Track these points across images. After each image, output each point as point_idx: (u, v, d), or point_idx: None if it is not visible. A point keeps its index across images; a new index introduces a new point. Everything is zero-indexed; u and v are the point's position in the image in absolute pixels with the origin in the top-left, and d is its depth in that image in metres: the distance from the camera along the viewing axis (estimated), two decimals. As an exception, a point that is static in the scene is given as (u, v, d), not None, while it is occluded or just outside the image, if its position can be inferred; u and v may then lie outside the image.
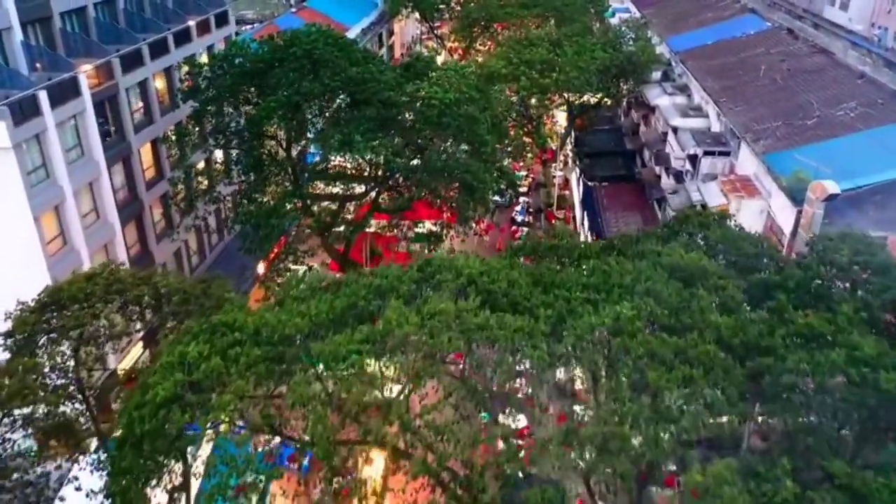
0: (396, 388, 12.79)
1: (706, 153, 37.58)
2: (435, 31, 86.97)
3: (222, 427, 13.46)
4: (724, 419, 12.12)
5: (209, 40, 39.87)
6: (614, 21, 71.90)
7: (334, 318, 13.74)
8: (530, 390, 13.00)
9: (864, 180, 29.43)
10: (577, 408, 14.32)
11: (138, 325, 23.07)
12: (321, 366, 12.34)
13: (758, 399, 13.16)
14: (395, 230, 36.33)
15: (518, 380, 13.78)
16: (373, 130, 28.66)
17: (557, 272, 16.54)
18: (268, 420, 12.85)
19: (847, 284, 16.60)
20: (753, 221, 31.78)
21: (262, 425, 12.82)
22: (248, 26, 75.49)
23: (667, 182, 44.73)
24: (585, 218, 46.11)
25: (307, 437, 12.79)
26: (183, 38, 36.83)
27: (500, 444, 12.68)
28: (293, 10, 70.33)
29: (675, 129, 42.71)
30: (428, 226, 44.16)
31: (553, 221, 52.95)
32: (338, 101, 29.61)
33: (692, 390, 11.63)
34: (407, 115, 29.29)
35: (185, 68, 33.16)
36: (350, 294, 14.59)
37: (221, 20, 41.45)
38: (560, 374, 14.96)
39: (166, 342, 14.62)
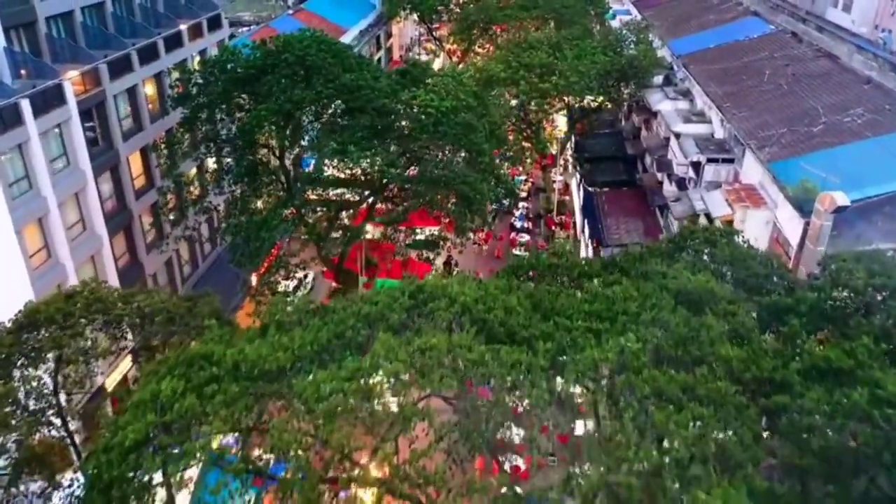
0: (385, 427, 11.93)
1: (709, 160, 36.72)
2: (434, 34, 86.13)
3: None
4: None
5: (201, 45, 39.00)
6: (615, 23, 71.09)
7: (320, 348, 12.89)
8: (528, 432, 12.12)
9: (874, 190, 28.55)
10: (579, 427, 13.44)
11: (122, 344, 22.14)
12: (303, 406, 11.49)
13: (773, 441, 12.32)
14: (392, 239, 35.45)
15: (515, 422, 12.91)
16: (367, 139, 27.83)
17: (557, 295, 15.67)
18: (247, 464, 12.00)
19: (863, 309, 15.74)
20: (759, 232, 30.92)
21: (242, 469, 11.98)
22: (245, 28, 74.65)
23: (669, 189, 43.86)
24: (586, 225, 45.23)
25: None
26: (174, 42, 35.96)
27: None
28: (290, 12, 69.46)
29: (677, 136, 41.84)
30: (427, 231, 43.49)
31: (553, 228, 52.11)
32: (332, 108, 28.76)
33: (702, 432, 10.79)
34: (402, 124, 28.41)
35: (176, 74, 32.32)
36: (338, 322, 13.75)
37: (214, 24, 40.58)
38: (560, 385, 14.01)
39: (147, 367, 13.77)
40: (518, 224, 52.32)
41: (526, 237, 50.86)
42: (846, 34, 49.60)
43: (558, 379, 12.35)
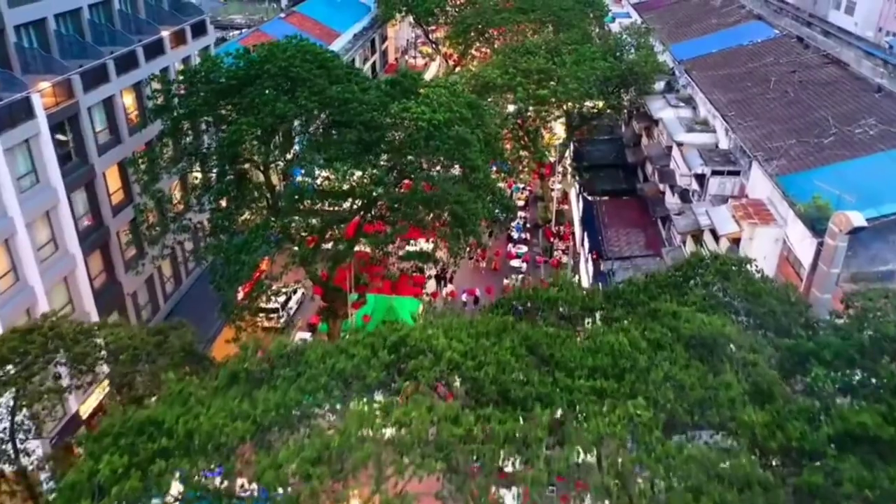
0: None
1: (714, 173, 35.20)
2: (430, 36, 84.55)
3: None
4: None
5: (185, 52, 37.39)
6: (614, 27, 69.56)
7: (286, 412, 11.38)
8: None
9: (890, 208, 27.05)
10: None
11: (89, 378, 20.55)
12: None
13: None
14: (383, 253, 33.71)
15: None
16: (355, 154, 26.27)
17: (556, 338, 14.15)
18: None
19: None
20: (768, 250, 29.42)
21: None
22: (237, 31, 72.98)
23: (671, 201, 42.33)
24: (585, 238, 43.69)
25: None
26: (155, 50, 34.34)
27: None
28: (282, 15, 67.86)
29: (680, 145, 40.33)
30: (420, 242, 41.95)
31: (551, 239, 50.56)
32: (317, 122, 27.19)
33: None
34: (393, 137, 26.85)
35: (157, 84, 30.75)
36: (309, 379, 12.23)
37: (198, 30, 38.97)
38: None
39: (88, 439, 12.20)
40: (515, 235, 50.76)
41: (524, 249, 49.31)
42: (852, 38, 48.18)
43: (558, 449, 10.84)
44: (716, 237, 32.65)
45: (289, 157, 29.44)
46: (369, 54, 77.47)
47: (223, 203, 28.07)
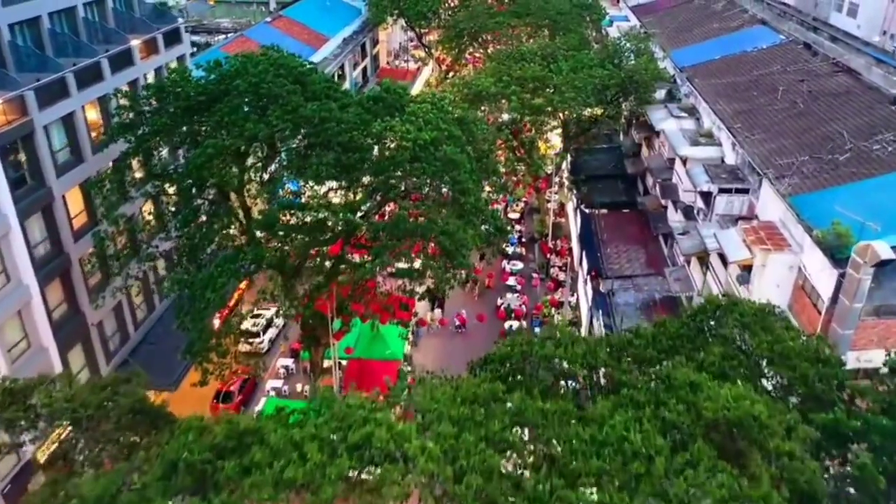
0: None
1: (721, 191, 32.99)
2: (422, 40, 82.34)
3: None
4: None
5: (157, 62, 35.03)
6: (612, 31, 67.44)
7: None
8: None
9: (917, 235, 24.90)
10: None
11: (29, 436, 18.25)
12: None
13: None
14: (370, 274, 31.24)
15: None
16: (334, 178, 24.00)
17: (554, 416, 11.96)
18: None
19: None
20: (782, 278, 27.23)
21: None
22: (222, 36, 70.60)
23: (674, 217, 40.14)
24: (584, 257, 41.45)
25: None
26: (123, 61, 32.00)
27: None
28: (268, 20, 65.46)
29: (683, 160, 38.14)
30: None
31: (548, 255, 48.31)
32: (292, 143, 24.91)
33: None
34: (375, 159, 24.58)
35: (121, 99, 28.43)
36: (253, 485, 10.02)
37: (172, 38, 36.61)
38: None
39: None
40: (510, 250, 48.49)
41: (519, 265, 47.08)
42: (858, 43, 46.01)
43: None
44: (724, 261, 30.47)
45: (264, 179, 27.12)
46: (359, 59, 75.19)
47: (190, 230, 25.74)
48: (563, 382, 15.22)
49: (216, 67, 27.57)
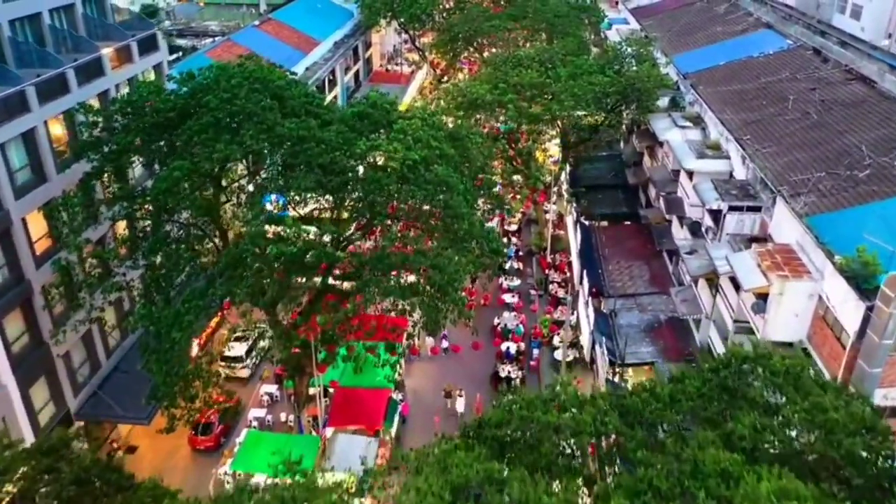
0: None
1: (732, 208, 30.98)
2: (416, 43, 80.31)
3: None
4: None
5: (131, 71, 32.85)
6: (611, 34, 65.49)
7: None
8: None
9: (948, 261, 22.92)
10: None
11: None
12: None
13: None
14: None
15: None
16: (315, 199, 21.91)
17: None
18: None
19: None
20: (801, 308, 25.23)
21: None
22: (210, 39, 68.43)
23: (680, 234, 38.14)
24: (584, 275, 39.39)
25: None
26: (91, 71, 29.85)
27: None
28: (256, 23, 63.27)
29: (689, 173, 36.15)
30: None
31: (546, 271, 46.24)
32: (270, 164, 22.83)
33: None
34: (359, 182, 22.47)
35: (86, 115, 26.27)
36: None
37: (148, 45, 34.45)
38: None
39: None
40: (507, 265, 46.36)
41: (516, 281, 45.00)
42: (867, 47, 44.04)
43: None
44: (736, 285, 28.44)
45: (241, 201, 24.99)
46: (351, 63, 73.10)
47: (158, 259, 23.62)
48: (567, 448, 13.19)
49: (189, 79, 25.44)
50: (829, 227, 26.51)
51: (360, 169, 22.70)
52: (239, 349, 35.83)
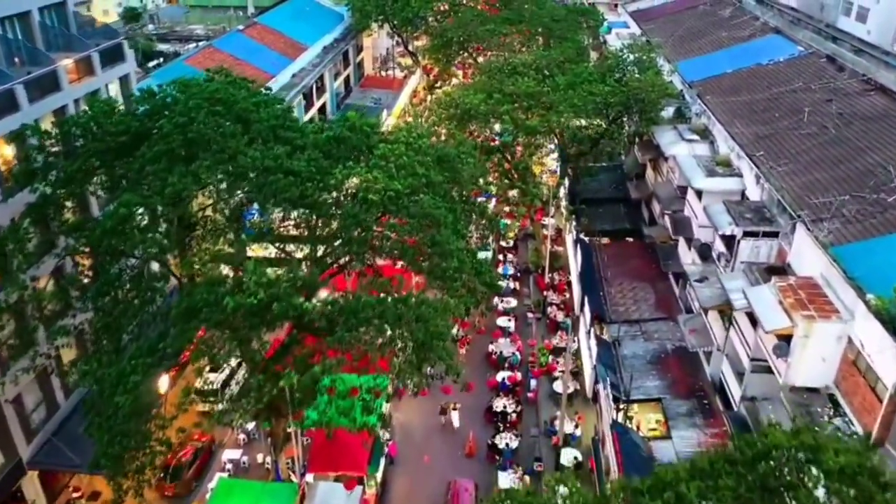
0: None
1: (747, 234, 28.45)
2: (409, 47, 77.69)
3: None
4: None
5: (92, 85, 30.16)
6: (610, 37, 63.01)
7: None
8: None
9: None
10: None
11: None
12: None
13: None
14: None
15: None
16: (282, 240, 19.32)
17: None
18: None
19: None
20: (828, 351, 22.69)
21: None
22: (192, 45, 65.70)
23: (688, 255, 35.62)
24: (585, 299, 36.83)
25: None
26: (45, 86, 27.19)
27: None
28: (240, 27, 60.59)
29: (698, 192, 33.62)
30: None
31: (545, 291, 43.67)
32: (227, 200, 20.21)
33: None
34: (333, 218, 19.88)
35: (35, 135, 23.59)
36: None
37: (113, 56, 31.77)
38: None
39: None
40: (502, 285, 43.73)
41: (512, 302, 42.42)
42: (879, 52, 41.56)
43: None
44: (752, 320, 25.90)
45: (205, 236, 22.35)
46: (341, 68, 70.40)
47: (106, 304, 20.92)
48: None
49: (149, 97, 22.81)
50: (857, 259, 24.00)
51: (336, 201, 20.08)
52: (214, 381, 33.28)
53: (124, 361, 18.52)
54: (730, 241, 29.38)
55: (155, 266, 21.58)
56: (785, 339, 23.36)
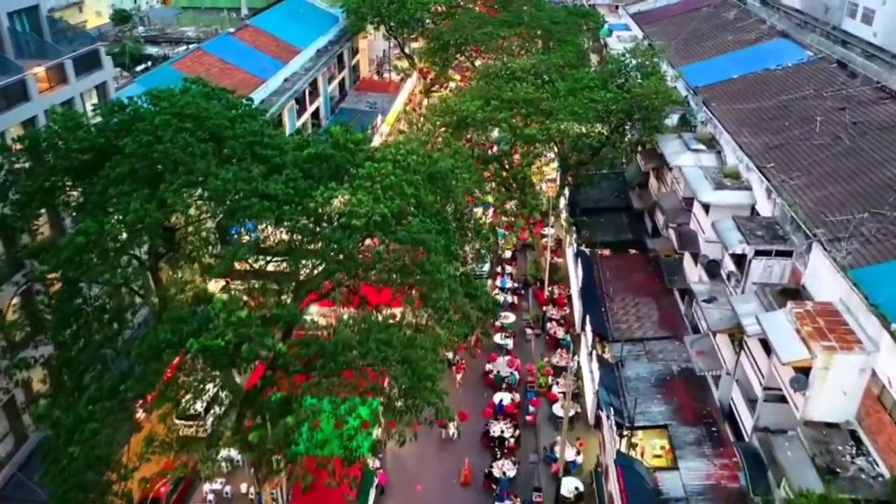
0: None
1: (758, 253, 26.81)
2: (405, 50, 76.00)
3: None
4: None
5: (65, 94, 28.51)
6: (611, 40, 61.37)
7: None
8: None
9: None
10: None
11: None
12: None
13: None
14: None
15: None
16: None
17: None
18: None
19: None
20: (850, 384, 21.08)
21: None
22: (184, 47, 63.97)
23: (693, 271, 34.01)
24: (587, 317, 35.15)
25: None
26: (13, 96, 25.52)
27: None
28: (231, 30, 58.90)
29: (706, 206, 32.00)
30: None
31: (544, 306, 42.03)
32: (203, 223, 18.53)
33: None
34: (312, 246, 18.22)
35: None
36: None
37: (88, 63, 30.10)
38: None
39: None
40: (500, 298, 42.06)
41: (510, 317, 40.74)
42: (886, 55, 39.89)
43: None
44: (766, 347, 24.28)
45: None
46: (336, 71, 68.74)
47: (66, 338, 19.24)
48: None
49: (118, 110, 21.13)
50: (879, 283, 22.36)
51: (316, 225, 18.37)
52: (196, 404, 31.54)
53: (81, 405, 16.78)
54: (740, 259, 27.73)
55: (128, 291, 19.84)
56: (803, 370, 21.73)
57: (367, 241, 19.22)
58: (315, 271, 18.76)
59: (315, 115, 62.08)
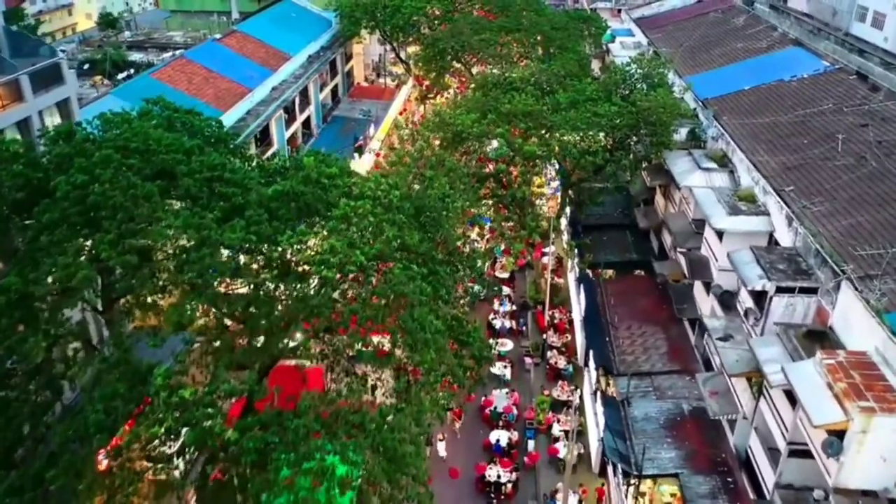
0: None
1: (780, 290, 24.33)
2: (400, 55, 73.50)
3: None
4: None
5: (21, 113, 26.07)
6: (614, 46, 58.90)
7: None
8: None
9: None
10: None
11: None
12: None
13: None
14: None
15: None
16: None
17: None
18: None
19: None
20: (890, 449, 18.63)
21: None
22: (170, 53, 61.38)
23: (705, 303, 31.53)
24: (590, 351, 32.69)
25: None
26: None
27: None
28: (217, 36, 56.42)
29: (720, 234, 29.56)
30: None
31: (545, 331, 39.53)
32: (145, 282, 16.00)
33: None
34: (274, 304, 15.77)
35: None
36: None
37: (49, 78, 27.66)
38: None
39: None
40: (498, 324, 39.69)
41: (508, 344, 38.26)
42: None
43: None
44: (791, 398, 21.82)
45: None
46: (328, 78, 66.23)
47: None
48: None
49: (67, 137, 18.66)
50: (919, 330, 19.97)
51: (280, 277, 15.94)
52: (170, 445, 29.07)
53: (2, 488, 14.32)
54: (759, 295, 25.28)
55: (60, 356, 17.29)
56: (836, 432, 19.27)
57: (346, 291, 16.81)
58: (279, 336, 16.26)
59: (306, 124, 59.61)
